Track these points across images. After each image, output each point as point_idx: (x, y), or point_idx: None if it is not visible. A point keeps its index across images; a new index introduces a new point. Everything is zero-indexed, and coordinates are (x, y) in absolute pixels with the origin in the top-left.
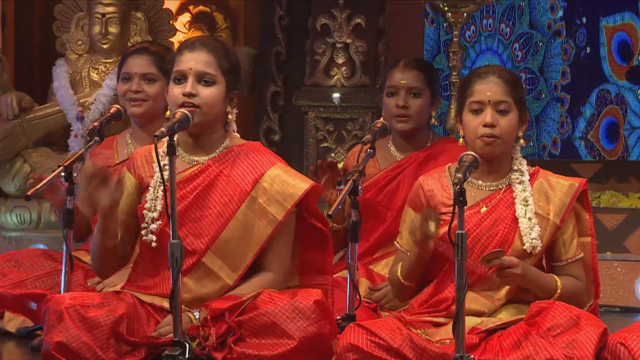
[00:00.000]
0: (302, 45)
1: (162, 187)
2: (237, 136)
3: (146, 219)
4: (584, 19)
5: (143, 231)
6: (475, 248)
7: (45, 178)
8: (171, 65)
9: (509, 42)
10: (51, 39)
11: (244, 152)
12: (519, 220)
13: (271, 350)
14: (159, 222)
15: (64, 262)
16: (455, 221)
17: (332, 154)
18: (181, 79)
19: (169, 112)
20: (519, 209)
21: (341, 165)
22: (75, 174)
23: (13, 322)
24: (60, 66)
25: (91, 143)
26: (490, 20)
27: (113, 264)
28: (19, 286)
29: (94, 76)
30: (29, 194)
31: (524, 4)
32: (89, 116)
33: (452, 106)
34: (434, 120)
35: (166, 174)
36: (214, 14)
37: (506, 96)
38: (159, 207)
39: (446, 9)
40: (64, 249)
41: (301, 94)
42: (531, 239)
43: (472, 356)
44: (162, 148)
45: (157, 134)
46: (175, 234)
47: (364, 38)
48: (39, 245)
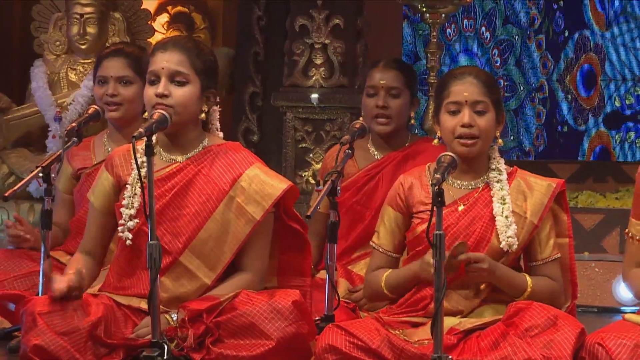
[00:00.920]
0: (281, 46)
1: (139, 184)
2: (220, 135)
3: (123, 216)
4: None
5: (120, 228)
6: (452, 246)
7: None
8: (147, 66)
9: (489, 47)
10: (29, 39)
11: (222, 152)
12: (496, 219)
13: (249, 351)
14: (136, 220)
15: (42, 263)
16: (433, 221)
17: (311, 155)
18: (155, 79)
19: (146, 113)
20: (496, 207)
21: (319, 165)
22: (53, 175)
23: None
24: (38, 67)
25: (69, 144)
26: (471, 21)
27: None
28: None
29: (72, 77)
30: (6, 194)
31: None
32: (66, 117)
33: (430, 107)
34: (413, 121)
35: (144, 171)
36: (192, 14)
37: (483, 96)
38: (136, 205)
39: (424, 9)
40: (42, 250)
41: (279, 94)
42: (507, 237)
43: (450, 356)
44: (141, 147)
45: (135, 134)
46: (153, 235)
47: (342, 39)
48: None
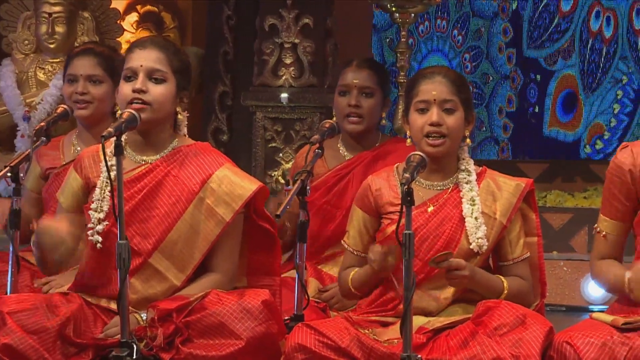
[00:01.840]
0: (250, 46)
1: (109, 187)
2: (187, 137)
3: (92, 219)
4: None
5: (89, 231)
6: (422, 247)
7: None
8: (122, 65)
9: (461, 51)
10: None
11: (192, 153)
12: (465, 220)
13: (219, 351)
14: (106, 223)
15: (10, 262)
16: (402, 221)
17: (281, 154)
18: (131, 76)
19: (119, 110)
20: (466, 208)
21: (289, 165)
22: (22, 175)
23: None
24: (7, 66)
25: (38, 143)
26: (444, 22)
27: (56, 262)
28: None
29: (41, 76)
30: None
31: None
32: (35, 116)
33: (399, 106)
34: (384, 121)
35: (113, 173)
36: (161, 13)
37: (452, 95)
38: (105, 208)
39: (393, 9)
40: (10, 249)
41: (249, 94)
42: (477, 238)
43: (420, 356)
44: (110, 148)
45: (104, 134)
46: (122, 234)
47: (311, 38)
48: None
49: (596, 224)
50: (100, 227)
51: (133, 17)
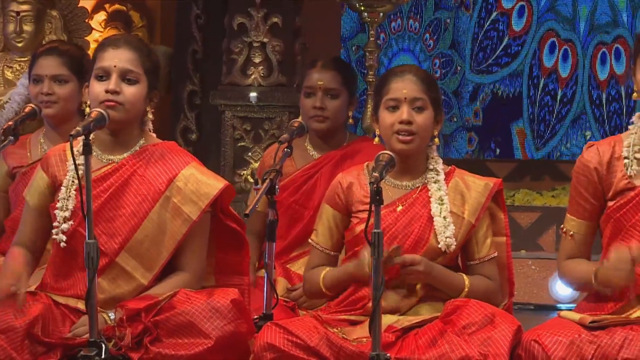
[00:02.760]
0: (219, 44)
1: (75, 186)
2: (153, 135)
3: (58, 218)
4: None
5: (54, 230)
6: (391, 246)
7: None
8: (92, 62)
9: (431, 54)
10: None
11: (158, 152)
12: (434, 219)
13: (188, 350)
14: (71, 222)
15: None
16: (371, 220)
17: (250, 153)
18: (104, 75)
19: (87, 109)
20: (435, 207)
21: (257, 164)
22: None
23: None
24: None
25: (6, 142)
26: (416, 23)
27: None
28: None
29: (9, 75)
30: None
31: (449, 20)
32: (3, 115)
33: (368, 105)
34: (351, 120)
35: (80, 172)
36: (130, 12)
37: (422, 93)
38: (70, 207)
39: (362, 8)
40: None
41: (218, 93)
42: (445, 237)
43: (388, 354)
44: (78, 147)
45: (72, 133)
46: (91, 234)
47: (280, 37)
48: None
49: (563, 224)
50: (65, 226)
51: (101, 15)
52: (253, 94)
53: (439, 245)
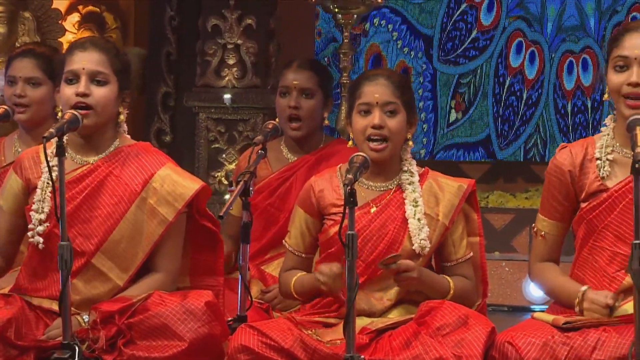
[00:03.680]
0: (193, 46)
1: (50, 188)
2: (128, 137)
3: (33, 220)
4: None
5: (30, 232)
6: (365, 248)
7: None
8: (61, 66)
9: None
10: None
11: (134, 153)
12: (408, 221)
13: (162, 352)
14: (47, 224)
15: None
16: (345, 221)
17: (224, 155)
18: (73, 79)
19: (60, 112)
20: (409, 209)
21: (232, 166)
22: None
23: None
24: None
25: None
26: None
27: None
28: None
29: None
30: None
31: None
32: None
33: (343, 107)
34: (327, 122)
35: (55, 174)
36: (103, 14)
37: (394, 97)
38: (46, 209)
39: (336, 10)
40: None
41: (192, 94)
42: (420, 239)
43: (363, 356)
44: (51, 149)
45: (45, 135)
46: (64, 236)
47: (254, 39)
48: None
49: (534, 224)
50: (41, 228)
51: (75, 17)
52: (227, 96)
53: (413, 247)
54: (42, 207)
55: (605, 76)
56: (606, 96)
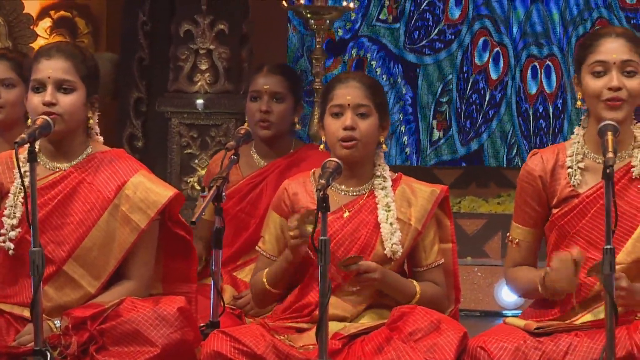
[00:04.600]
0: (165, 51)
1: (22, 194)
2: (100, 141)
3: (5, 225)
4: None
5: (1, 238)
6: (337, 252)
7: None
8: (29, 73)
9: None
10: None
11: (107, 160)
12: (380, 226)
13: (134, 358)
14: (18, 230)
15: None
16: (318, 226)
17: (196, 161)
18: (39, 87)
19: (30, 120)
20: (381, 214)
21: (205, 171)
22: None
23: None
24: None
25: None
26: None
27: None
28: None
29: None
30: None
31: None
32: None
33: (315, 112)
34: (298, 126)
35: (27, 180)
36: (75, 19)
37: (366, 100)
38: (18, 214)
39: (309, 15)
40: None
41: (164, 100)
42: (392, 244)
43: None
44: (23, 154)
45: (17, 140)
46: (36, 242)
47: (227, 44)
48: None
49: (509, 233)
50: (13, 233)
51: (46, 22)
52: (199, 101)
53: (385, 252)
54: (14, 213)
55: (577, 84)
56: (579, 103)
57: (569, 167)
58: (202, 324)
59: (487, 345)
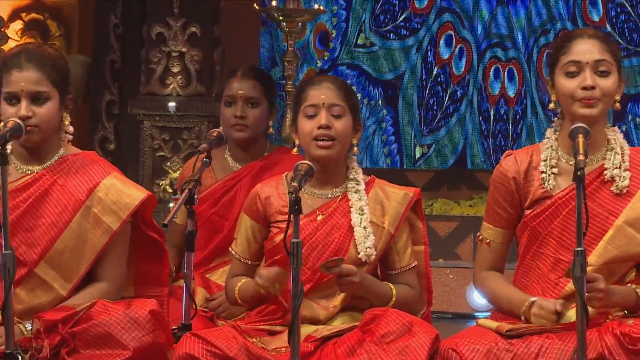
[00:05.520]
0: (138, 54)
1: None
2: (70, 137)
3: None
4: None
5: None
6: (311, 256)
7: None
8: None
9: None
10: None
11: (79, 162)
12: (354, 229)
13: None
14: None
15: None
16: (291, 229)
17: (168, 163)
18: (13, 99)
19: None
20: (355, 217)
21: (177, 174)
22: None
23: None
24: None
25: None
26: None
27: None
28: None
29: None
30: None
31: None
32: None
33: (287, 115)
34: (271, 129)
35: None
36: (47, 21)
37: (340, 100)
38: None
39: (281, 18)
40: None
41: (136, 102)
42: (365, 247)
43: None
44: None
45: None
46: (7, 244)
47: (199, 47)
48: None
49: (479, 232)
50: None
51: (18, 24)
52: (172, 104)
53: (359, 256)
54: None
55: (551, 87)
56: (552, 105)
57: (542, 172)
58: (174, 327)
59: (459, 347)
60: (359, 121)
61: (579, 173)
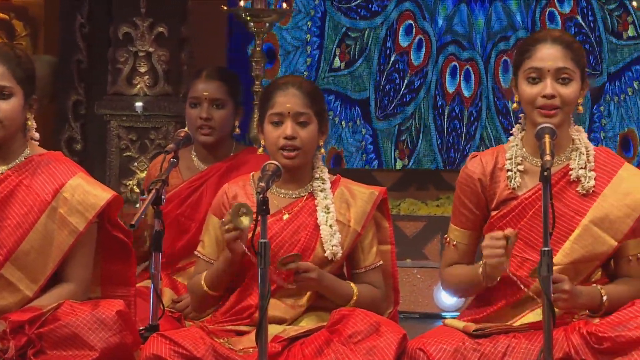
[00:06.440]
0: (104, 54)
1: None
2: (37, 144)
3: None
4: None
5: None
6: (277, 255)
7: None
8: None
9: None
10: None
11: (44, 162)
12: (320, 228)
13: None
14: None
15: None
16: (258, 229)
17: (135, 163)
18: None
19: None
20: (321, 216)
21: (144, 174)
22: None
23: None
24: None
25: None
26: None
27: None
28: None
29: None
30: None
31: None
32: None
33: (255, 115)
34: (237, 130)
35: None
36: (12, 21)
37: (306, 108)
38: None
39: (248, 18)
40: None
41: (103, 102)
42: (332, 245)
43: None
44: None
45: None
46: None
47: (166, 47)
48: None
49: (446, 234)
50: None
51: None
52: (139, 104)
53: (325, 254)
54: None
55: (514, 87)
56: (515, 105)
57: (508, 171)
58: (141, 327)
59: (427, 347)
60: (325, 124)
61: (545, 173)
